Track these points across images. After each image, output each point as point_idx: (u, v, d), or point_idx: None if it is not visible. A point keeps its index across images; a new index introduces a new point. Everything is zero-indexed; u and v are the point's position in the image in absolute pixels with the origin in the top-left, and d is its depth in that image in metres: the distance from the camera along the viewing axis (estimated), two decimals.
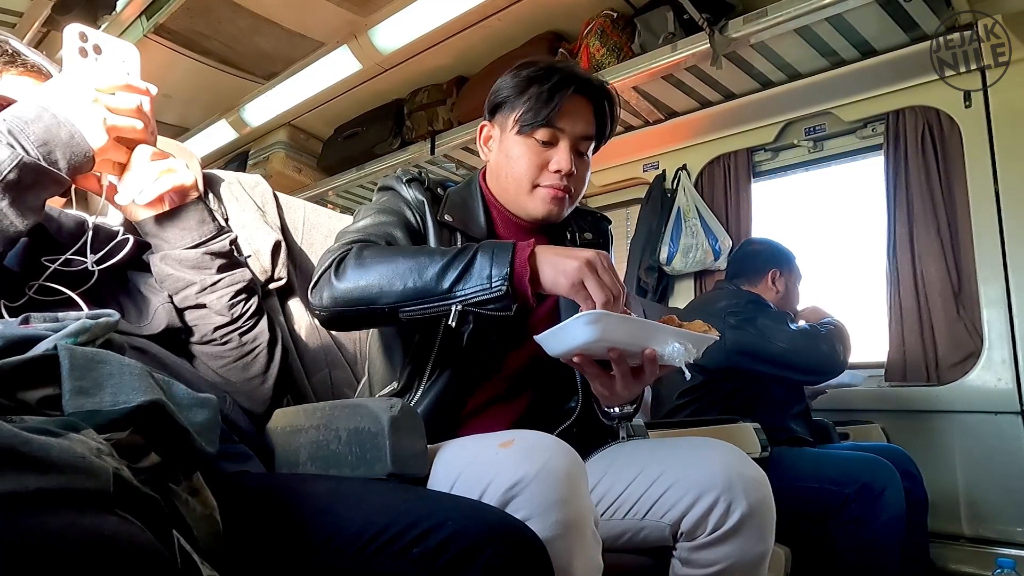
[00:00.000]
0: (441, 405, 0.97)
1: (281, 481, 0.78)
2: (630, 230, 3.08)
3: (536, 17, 2.58)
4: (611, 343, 0.82)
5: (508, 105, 1.05)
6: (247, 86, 3.23)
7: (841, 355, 1.84)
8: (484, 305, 0.84)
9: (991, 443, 2.08)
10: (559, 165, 1.01)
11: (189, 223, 0.89)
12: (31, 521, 0.32)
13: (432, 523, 0.58)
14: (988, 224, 2.14)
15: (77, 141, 0.72)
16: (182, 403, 0.54)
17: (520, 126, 1.02)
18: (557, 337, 0.83)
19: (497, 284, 0.82)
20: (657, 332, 0.83)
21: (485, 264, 0.84)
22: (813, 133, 2.64)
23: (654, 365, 0.85)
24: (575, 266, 0.82)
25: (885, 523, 1.56)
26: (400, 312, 0.86)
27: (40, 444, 0.35)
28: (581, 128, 1.03)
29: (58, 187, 0.73)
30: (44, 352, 0.49)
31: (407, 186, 1.06)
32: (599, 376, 0.89)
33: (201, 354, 0.92)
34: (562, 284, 0.83)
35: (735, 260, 2.21)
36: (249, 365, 0.93)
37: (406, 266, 0.86)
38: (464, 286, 0.84)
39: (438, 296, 0.84)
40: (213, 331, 0.91)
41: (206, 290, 0.90)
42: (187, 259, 0.89)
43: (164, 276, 0.89)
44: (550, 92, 1.00)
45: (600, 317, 0.78)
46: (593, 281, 0.81)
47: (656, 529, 0.91)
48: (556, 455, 0.73)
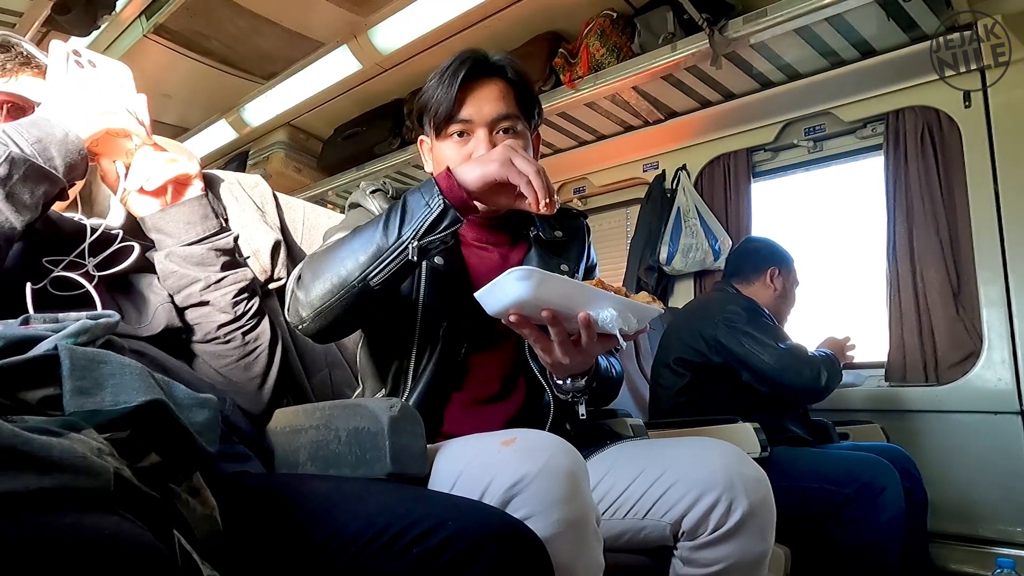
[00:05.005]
0: (428, 405, 0.97)
1: (281, 481, 0.78)
2: (630, 230, 3.08)
3: (536, 17, 2.58)
4: (544, 302, 0.81)
5: (426, 111, 1.05)
6: (247, 86, 3.23)
7: (824, 382, 1.83)
8: (435, 229, 0.85)
9: (991, 443, 2.08)
10: (476, 154, 1.00)
11: (193, 217, 0.90)
12: (32, 520, 0.32)
13: (432, 523, 0.58)
14: (988, 224, 2.14)
15: (71, 139, 0.75)
16: (182, 403, 0.54)
17: (436, 128, 1.03)
18: (491, 294, 0.82)
19: (435, 203, 0.84)
20: (593, 297, 0.82)
21: (417, 198, 0.86)
22: (813, 133, 2.64)
23: (590, 330, 0.84)
24: (499, 149, 0.86)
25: (885, 523, 1.56)
26: (369, 280, 0.87)
27: (41, 444, 0.35)
28: (490, 110, 1.01)
29: (52, 185, 0.74)
30: (45, 352, 0.49)
31: (371, 198, 1.07)
32: (538, 340, 0.88)
33: (203, 353, 0.92)
34: (492, 169, 0.84)
35: (733, 258, 2.21)
36: (251, 365, 0.93)
37: (353, 244, 0.88)
38: (410, 224, 0.85)
39: (392, 246, 0.86)
40: (216, 329, 0.91)
41: (210, 287, 0.90)
42: (192, 255, 0.89)
43: (168, 273, 0.90)
44: (448, 83, 1.00)
45: (532, 273, 0.77)
46: (519, 157, 0.84)
47: (657, 528, 0.91)
48: (558, 454, 0.73)
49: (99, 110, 0.79)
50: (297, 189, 3.60)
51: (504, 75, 1.04)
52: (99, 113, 0.80)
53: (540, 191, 0.84)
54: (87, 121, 0.78)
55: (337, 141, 3.50)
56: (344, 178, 3.50)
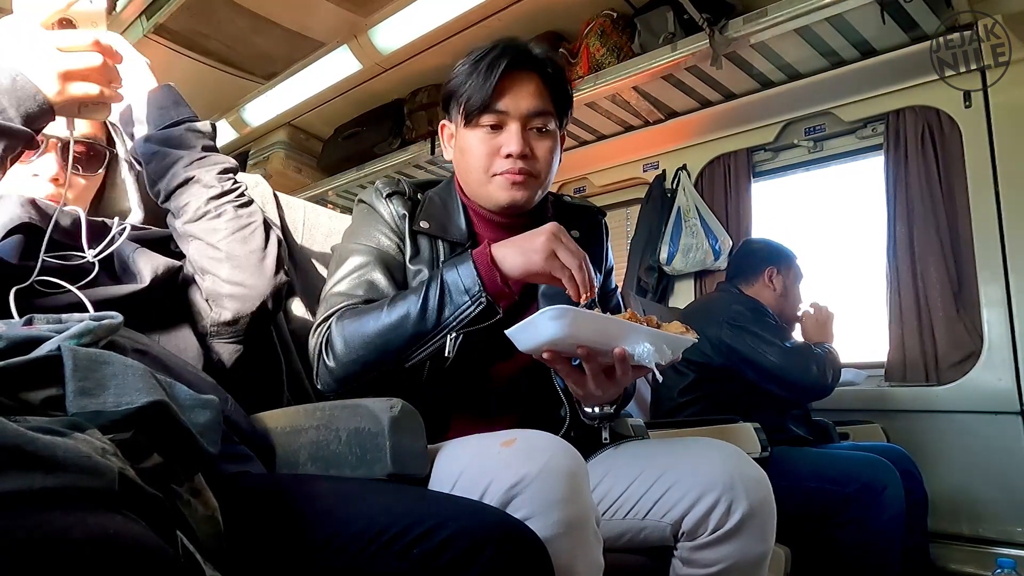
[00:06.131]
0: (436, 409, 0.96)
1: (281, 482, 0.78)
2: (630, 230, 3.08)
3: (536, 17, 2.58)
4: (579, 340, 0.80)
5: (455, 97, 1.01)
6: (247, 86, 3.23)
7: (830, 379, 1.86)
8: (477, 323, 0.86)
9: (991, 443, 2.08)
10: (508, 148, 0.98)
11: (166, 102, 0.90)
12: (37, 520, 0.32)
13: (432, 523, 0.58)
14: (988, 224, 2.14)
15: (21, 85, 0.66)
16: (184, 404, 0.54)
17: (466, 117, 0.99)
18: (526, 331, 0.81)
19: (477, 297, 0.84)
20: (629, 331, 0.81)
21: (455, 280, 0.85)
22: (813, 133, 2.64)
23: (625, 365, 0.83)
24: (542, 240, 0.84)
25: (885, 523, 1.56)
26: (405, 363, 0.89)
27: (45, 443, 0.35)
28: (527, 105, 0.98)
29: (14, 139, 0.67)
30: (48, 353, 0.49)
31: (387, 201, 1.03)
32: (570, 374, 0.88)
33: (198, 231, 0.90)
34: (535, 261, 0.83)
35: (734, 260, 2.23)
36: (248, 239, 0.92)
37: (388, 323, 0.88)
38: (451, 313, 0.86)
39: (431, 333, 0.86)
40: (207, 203, 0.90)
41: (194, 163, 0.90)
42: (171, 136, 0.89)
43: (150, 155, 0.89)
44: (486, 72, 0.96)
45: (566, 312, 0.76)
46: (563, 249, 0.83)
47: (657, 529, 0.91)
48: (558, 454, 0.73)
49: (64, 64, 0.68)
50: (297, 189, 3.60)
51: (543, 69, 1.01)
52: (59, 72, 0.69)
53: (582, 285, 0.84)
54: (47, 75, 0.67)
55: (337, 141, 3.50)
56: (344, 178, 3.49)
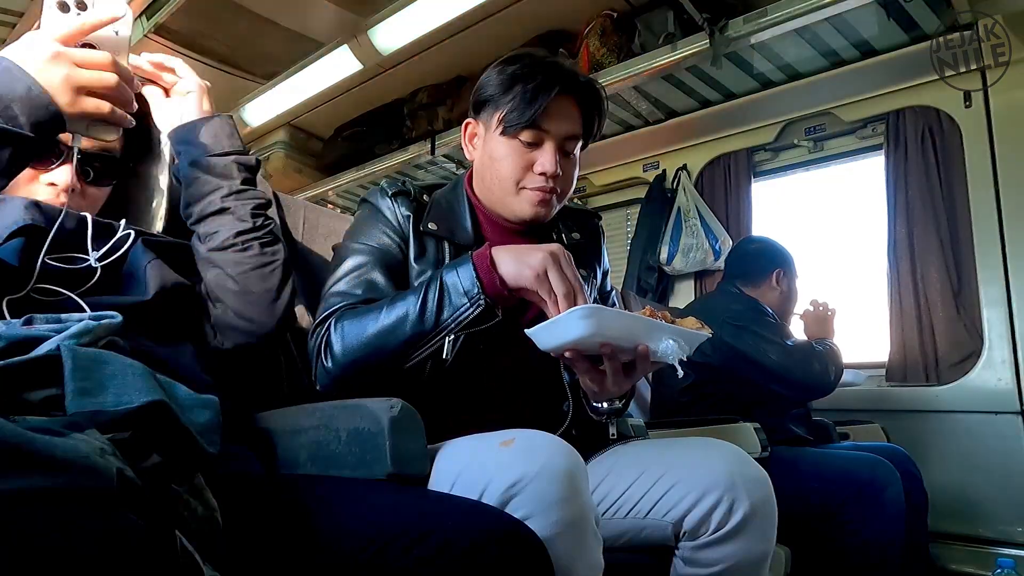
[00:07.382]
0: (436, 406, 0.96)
1: (281, 482, 0.78)
2: (630, 230, 3.08)
3: (536, 17, 2.58)
4: (605, 338, 0.81)
5: (492, 103, 1.02)
6: (247, 86, 3.23)
7: (832, 376, 1.86)
8: (476, 325, 0.86)
9: (991, 443, 2.08)
10: (544, 167, 0.99)
11: (221, 132, 0.94)
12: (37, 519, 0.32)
13: (432, 524, 0.58)
14: (988, 224, 2.14)
15: (35, 94, 0.67)
16: (184, 404, 0.54)
17: (504, 127, 0.99)
18: (550, 332, 0.82)
19: (477, 299, 0.84)
20: (651, 328, 0.82)
21: (454, 281, 0.86)
22: (813, 133, 2.64)
23: (646, 361, 0.85)
24: (539, 257, 0.84)
25: (885, 523, 1.56)
26: (402, 364, 0.89)
27: (45, 443, 0.35)
28: (566, 128, 1.00)
29: (21, 145, 0.67)
30: (47, 353, 0.49)
31: (392, 201, 1.03)
32: (589, 371, 0.88)
33: (220, 261, 0.92)
34: (526, 275, 0.83)
35: (735, 259, 2.20)
36: (267, 276, 0.94)
37: (386, 324, 0.88)
38: (450, 314, 0.86)
39: (430, 334, 0.87)
40: (235, 236, 0.92)
41: (232, 195, 0.93)
42: (216, 165, 0.93)
43: (191, 179, 0.93)
44: (534, 93, 0.97)
45: (594, 311, 0.78)
46: (556, 272, 0.83)
47: (658, 529, 0.91)
48: (557, 454, 0.73)
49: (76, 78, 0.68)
50: (297, 189, 3.60)
51: (587, 95, 1.03)
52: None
53: (561, 311, 0.82)
54: (58, 85, 0.68)
55: (337, 141, 3.50)
56: (344, 178, 3.49)
